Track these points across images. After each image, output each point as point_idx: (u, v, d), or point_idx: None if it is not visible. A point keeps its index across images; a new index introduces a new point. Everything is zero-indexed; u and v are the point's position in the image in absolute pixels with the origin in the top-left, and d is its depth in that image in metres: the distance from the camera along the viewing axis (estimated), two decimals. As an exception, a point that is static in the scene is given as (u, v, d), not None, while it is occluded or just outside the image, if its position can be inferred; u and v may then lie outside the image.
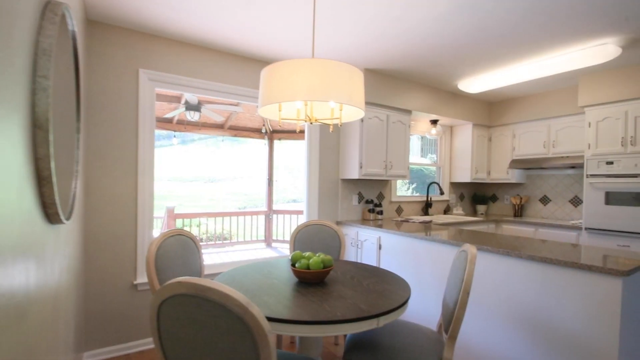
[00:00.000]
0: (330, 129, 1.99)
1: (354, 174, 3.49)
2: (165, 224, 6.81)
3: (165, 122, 6.10)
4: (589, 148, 3.47)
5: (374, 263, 3.21)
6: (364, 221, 3.67)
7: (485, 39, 2.68)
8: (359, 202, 3.87)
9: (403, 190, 4.66)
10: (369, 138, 3.50)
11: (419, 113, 3.99)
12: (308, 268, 1.78)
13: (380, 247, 3.14)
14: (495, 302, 2.18)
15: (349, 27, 2.49)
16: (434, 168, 4.86)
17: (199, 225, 8.07)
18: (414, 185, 4.78)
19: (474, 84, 3.69)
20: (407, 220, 3.73)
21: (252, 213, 7.63)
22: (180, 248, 2.06)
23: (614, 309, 1.68)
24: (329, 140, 3.68)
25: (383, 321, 1.36)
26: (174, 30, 2.54)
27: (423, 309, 2.70)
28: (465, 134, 4.59)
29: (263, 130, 7.07)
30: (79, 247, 2.11)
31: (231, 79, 3.00)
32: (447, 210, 4.74)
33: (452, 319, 1.54)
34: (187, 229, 7.10)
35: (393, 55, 3.06)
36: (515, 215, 4.51)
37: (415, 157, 4.78)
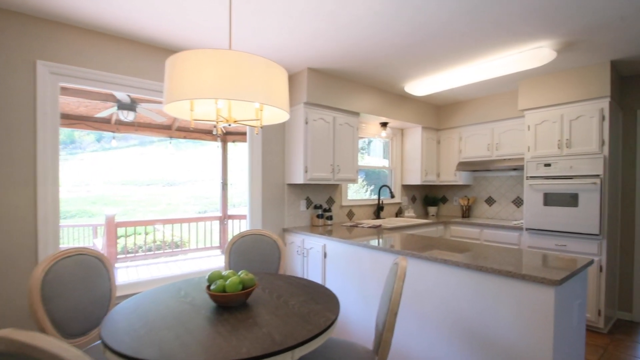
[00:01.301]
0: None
1: (299, 179, 3.32)
2: (105, 234, 6.26)
3: (102, 123, 5.57)
4: (528, 150, 3.55)
5: (319, 272, 3.05)
6: (312, 227, 3.51)
7: (424, 40, 2.61)
8: (307, 208, 3.70)
9: (361, 193, 4.55)
10: (315, 141, 3.34)
11: (368, 115, 3.90)
12: (225, 290, 1.57)
13: (325, 256, 2.99)
14: (433, 311, 2.09)
15: (279, 21, 2.31)
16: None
17: (149, 233, 7.53)
18: (371, 188, 4.70)
19: (419, 86, 3.66)
20: (356, 225, 3.62)
21: (205, 219, 7.23)
22: (81, 270, 1.77)
23: (547, 318, 1.63)
24: (274, 142, 3.48)
25: (299, 354, 1.19)
26: (82, 16, 2.21)
27: (366, 322, 2.57)
28: (415, 137, 4.58)
29: (214, 132, 6.71)
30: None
31: (154, 74, 2.70)
32: (399, 213, 4.71)
33: (381, 340, 1.40)
34: (131, 238, 6.59)
35: (334, 55, 2.92)
36: (463, 216, 4.56)
37: (377, 159, 4.72)
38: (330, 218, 3.75)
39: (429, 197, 5.01)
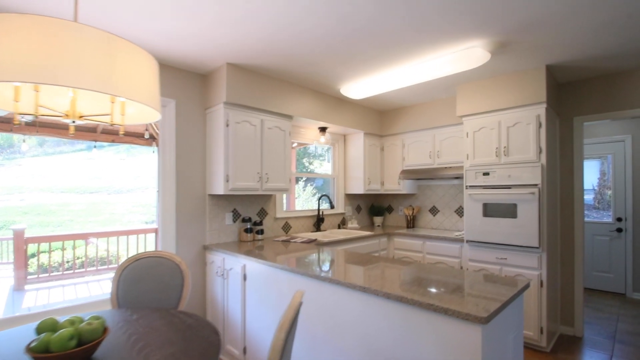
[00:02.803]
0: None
1: (220, 189, 2.89)
2: (14, 252, 5.37)
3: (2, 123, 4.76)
4: (467, 158, 3.39)
5: (238, 298, 2.62)
6: (240, 244, 3.09)
7: (351, 35, 2.32)
8: (234, 221, 3.27)
9: (313, 202, 4.18)
10: (238, 146, 2.94)
11: (305, 119, 3.57)
12: (48, 349, 1.13)
13: (245, 278, 2.58)
14: (354, 347, 1.75)
15: (181, 3, 1.91)
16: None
17: (78, 247, 6.63)
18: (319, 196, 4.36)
19: (354, 88, 3.39)
20: (289, 240, 3.25)
21: (139, 231, 6.50)
22: None
23: (475, 357, 1.34)
24: (193, 147, 3.03)
25: None
26: None
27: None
28: (358, 143, 4.32)
29: (147, 136, 6.07)
30: None
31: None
32: (342, 224, 4.41)
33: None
34: (45, 255, 5.73)
35: (256, 49, 2.56)
36: (408, 227, 4.35)
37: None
38: (261, 232, 3.35)
39: (375, 206, 4.77)
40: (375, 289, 1.64)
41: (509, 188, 3.08)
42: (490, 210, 3.19)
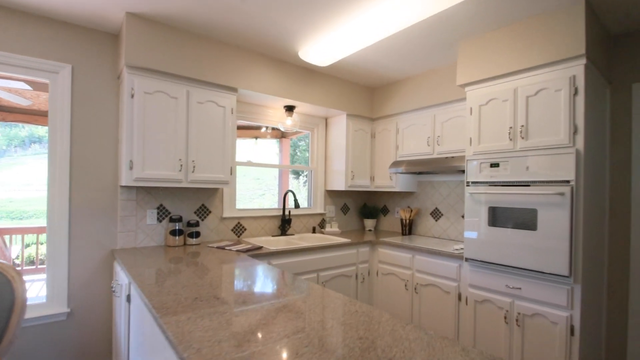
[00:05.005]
0: None
1: (124, 179, 2.23)
2: None
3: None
4: (470, 144, 2.43)
5: (123, 320, 1.95)
6: (167, 249, 2.42)
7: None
8: (159, 220, 2.61)
9: (300, 196, 3.40)
10: (148, 124, 2.26)
11: (264, 96, 2.82)
12: None
13: (128, 299, 1.89)
14: None
15: None
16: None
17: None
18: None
19: (315, 50, 2.57)
20: (223, 247, 2.52)
21: (20, 231, 4.60)
22: None
23: None
24: (99, 125, 2.40)
25: None
26: None
27: None
28: (340, 128, 3.48)
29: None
30: None
31: None
32: (321, 227, 3.60)
33: None
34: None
35: (146, -17, 1.85)
36: (403, 233, 3.44)
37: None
38: (195, 235, 2.66)
39: (367, 207, 3.89)
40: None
41: (527, 186, 2.10)
42: (499, 217, 2.23)
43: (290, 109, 3.16)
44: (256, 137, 4.30)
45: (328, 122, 3.64)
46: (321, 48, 2.51)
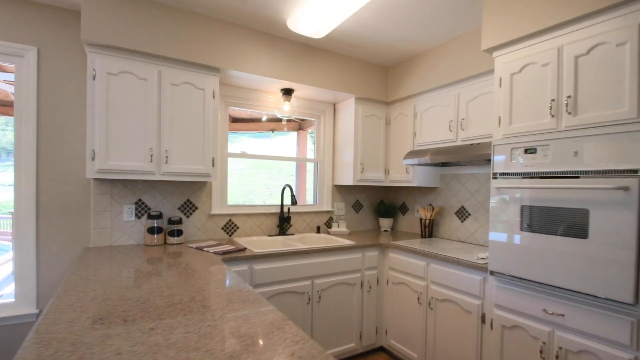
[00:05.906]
0: None
1: (87, 171, 2.00)
2: None
3: None
4: (499, 125, 1.90)
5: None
6: (146, 248, 2.19)
7: None
8: (137, 217, 2.38)
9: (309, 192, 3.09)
10: (113, 108, 2.01)
11: (256, 77, 2.48)
12: None
13: (75, 310, 1.64)
14: None
15: None
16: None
17: None
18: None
19: (304, 17, 2.16)
20: (202, 248, 2.23)
21: None
22: None
23: None
24: (69, 112, 2.20)
25: None
26: None
27: None
28: (348, 114, 3.05)
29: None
30: None
31: None
32: (328, 226, 3.20)
33: None
34: None
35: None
36: (422, 236, 2.94)
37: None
38: (177, 234, 2.40)
39: (384, 204, 3.43)
40: None
41: (576, 177, 1.55)
42: (535, 219, 1.69)
43: (288, 92, 2.79)
44: (272, 130, 4.00)
45: (336, 108, 3.22)
46: (310, 12, 2.10)
